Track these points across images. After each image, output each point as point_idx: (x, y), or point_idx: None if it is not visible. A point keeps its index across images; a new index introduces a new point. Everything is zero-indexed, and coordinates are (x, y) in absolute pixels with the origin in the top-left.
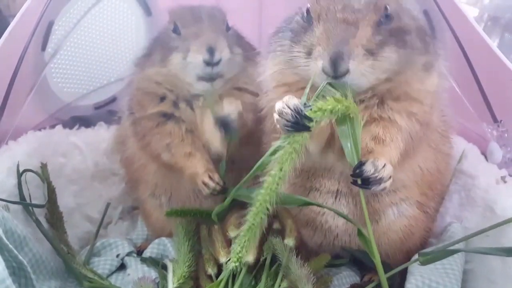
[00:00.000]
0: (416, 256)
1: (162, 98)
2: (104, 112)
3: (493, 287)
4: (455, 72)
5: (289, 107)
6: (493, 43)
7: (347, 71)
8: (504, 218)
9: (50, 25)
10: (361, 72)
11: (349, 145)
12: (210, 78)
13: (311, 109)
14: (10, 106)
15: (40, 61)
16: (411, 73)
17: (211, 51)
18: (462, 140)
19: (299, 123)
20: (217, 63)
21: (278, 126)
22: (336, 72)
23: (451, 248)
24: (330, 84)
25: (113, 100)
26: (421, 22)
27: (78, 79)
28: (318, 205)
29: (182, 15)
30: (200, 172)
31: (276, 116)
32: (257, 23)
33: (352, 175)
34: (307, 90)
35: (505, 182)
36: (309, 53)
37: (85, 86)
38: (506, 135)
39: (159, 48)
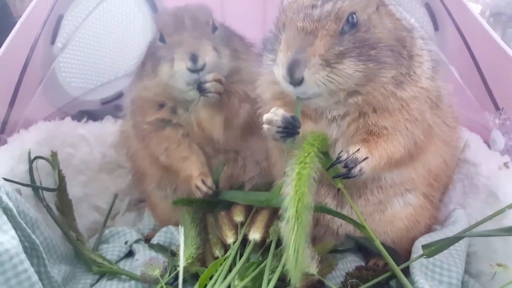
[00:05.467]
0: (419, 249)
1: (161, 105)
2: (111, 107)
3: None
4: (457, 62)
5: (277, 115)
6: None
7: (302, 79)
8: (506, 203)
9: (59, 19)
10: (316, 81)
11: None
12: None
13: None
14: (21, 97)
15: (50, 54)
16: (379, 86)
17: (193, 58)
18: (465, 130)
19: (288, 127)
20: (202, 68)
21: (268, 135)
22: (292, 79)
23: (455, 235)
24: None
25: (120, 95)
26: (402, 33)
27: (85, 74)
28: (328, 212)
29: (165, 23)
30: (194, 175)
31: (266, 126)
32: (261, 25)
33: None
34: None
35: (507, 167)
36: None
37: (93, 81)
38: (508, 122)
39: (149, 57)
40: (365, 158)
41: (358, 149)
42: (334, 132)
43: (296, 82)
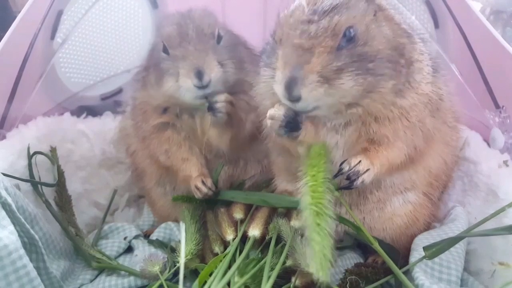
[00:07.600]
0: (419, 250)
1: (165, 110)
2: (111, 102)
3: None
4: (457, 60)
5: (280, 110)
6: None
7: (299, 97)
8: (507, 201)
9: (59, 14)
10: (314, 98)
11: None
12: (205, 97)
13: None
14: (20, 92)
15: (49, 49)
16: (378, 97)
17: (199, 75)
18: (465, 128)
19: (291, 122)
20: (207, 85)
21: (271, 131)
22: (290, 97)
23: (456, 235)
24: None
25: (119, 91)
26: (401, 40)
27: (85, 70)
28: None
29: (169, 34)
30: (194, 175)
31: (269, 121)
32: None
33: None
34: None
35: (507, 166)
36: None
37: (92, 77)
38: (508, 121)
39: (152, 67)
40: (367, 170)
41: (360, 161)
42: (335, 140)
43: (295, 99)
